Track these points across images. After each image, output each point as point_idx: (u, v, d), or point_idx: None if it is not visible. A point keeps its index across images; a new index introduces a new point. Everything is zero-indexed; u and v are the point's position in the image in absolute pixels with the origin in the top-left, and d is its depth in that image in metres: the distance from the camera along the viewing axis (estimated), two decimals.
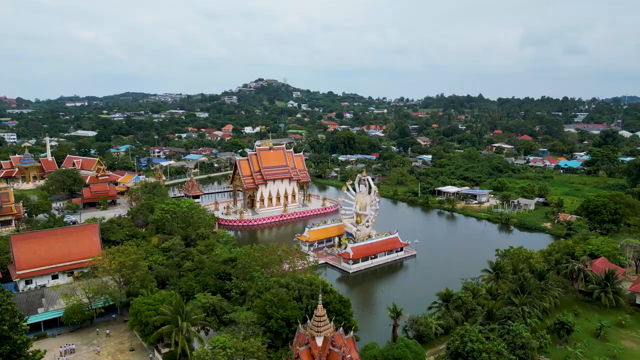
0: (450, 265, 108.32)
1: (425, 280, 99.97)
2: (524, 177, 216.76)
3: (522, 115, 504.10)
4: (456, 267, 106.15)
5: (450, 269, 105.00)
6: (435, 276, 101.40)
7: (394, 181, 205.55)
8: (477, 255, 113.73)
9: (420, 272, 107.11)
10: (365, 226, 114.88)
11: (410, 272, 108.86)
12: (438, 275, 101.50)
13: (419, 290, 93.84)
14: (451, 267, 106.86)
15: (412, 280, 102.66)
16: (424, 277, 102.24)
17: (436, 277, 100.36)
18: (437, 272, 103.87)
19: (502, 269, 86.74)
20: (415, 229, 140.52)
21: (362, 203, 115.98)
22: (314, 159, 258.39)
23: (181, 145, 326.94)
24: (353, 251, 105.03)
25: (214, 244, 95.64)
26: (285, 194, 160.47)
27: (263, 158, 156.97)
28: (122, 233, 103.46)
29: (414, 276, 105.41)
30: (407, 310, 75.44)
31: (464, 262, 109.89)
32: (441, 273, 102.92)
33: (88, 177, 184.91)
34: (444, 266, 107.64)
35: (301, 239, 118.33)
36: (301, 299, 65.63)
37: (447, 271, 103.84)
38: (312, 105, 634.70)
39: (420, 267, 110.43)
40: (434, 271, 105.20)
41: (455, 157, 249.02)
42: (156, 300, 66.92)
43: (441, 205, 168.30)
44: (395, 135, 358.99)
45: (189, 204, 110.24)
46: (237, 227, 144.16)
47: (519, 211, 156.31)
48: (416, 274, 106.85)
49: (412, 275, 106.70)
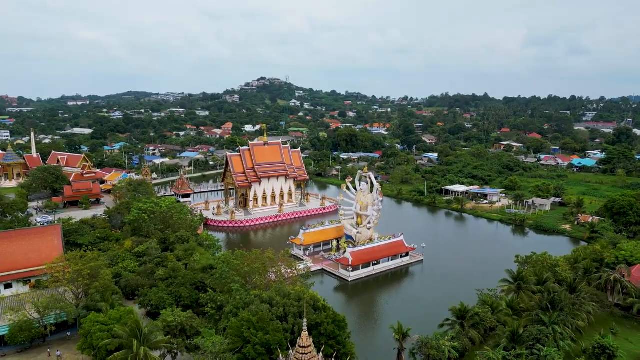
0: (462, 272, 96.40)
1: (435, 290, 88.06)
2: (536, 175, 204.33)
3: (529, 114, 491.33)
4: (469, 275, 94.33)
5: (462, 278, 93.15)
6: (445, 286, 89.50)
7: (398, 180, 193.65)
8: (492, 262, 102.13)
9: (429, 280, 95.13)
10: (367, 228, 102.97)
11: (417, 280, 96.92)
12: (449, 285, 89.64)
13: (427, 303, 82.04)
14: (463, 275, 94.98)
15: (420, 290, 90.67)
16: (433, 287, 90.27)
17: (447, 287, 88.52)
18: (447, 281, 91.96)
19: (524, 278, 74.78)
20: (421, 231, 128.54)
21: (363, 202, 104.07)
22: (314, 157, 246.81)
23: (178, 143, 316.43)
24: (352, 256, 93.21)
25: (195, 248, 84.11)
26: (281, 192, 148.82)
27: (257, 154, 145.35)
28: (92, 235, 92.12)
29: (421, 285, 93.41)
30: (415, 328, 63.72)
31: (478, 269, 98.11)
32: (452, 282, 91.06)
33: (73, 175, 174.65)
34: (455, 274, 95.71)
35: (295, 242, 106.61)
36: (286, 318, 53.91)
37: (459, 280, 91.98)
38: (315, 104, 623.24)
39: (429, 274, 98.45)
40: (444, 280, 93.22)
41: (463, 155, 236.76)
42: (111, 319, 55.35)
43: (449, 206, 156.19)
44: (399, 134, 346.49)
45: (169, 203, 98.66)
46: (228, 229, 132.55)
47: (534, 212, 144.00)
48: (424, 282, 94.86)
49: (420, 284, 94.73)
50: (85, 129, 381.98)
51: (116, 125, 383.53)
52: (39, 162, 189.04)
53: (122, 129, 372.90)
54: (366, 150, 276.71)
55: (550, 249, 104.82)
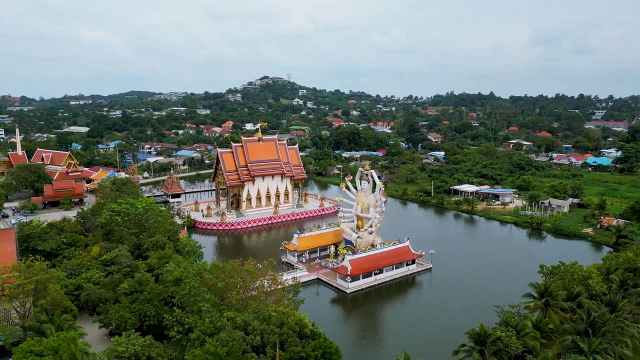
0: (477, 283, 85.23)
1: (446, 304, 76.92)
2: (550, 175, 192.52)
3: (536, 113, 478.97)
4: (484, 287, 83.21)
5: (477, 289, 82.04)
6: (458, 299, 78.35)
7: (403, 179, 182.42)
8: (510, 271, 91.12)
9: (439, 292, 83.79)
10: (368, 232, 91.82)
11: (426, 292, 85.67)
12: (462, 298, 78.49)
13: (438, 320, 70.97)
14: (478, 286, 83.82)
15: (429, 304, 79.43)
16: (443, 300, 79.05)
17: (460, 301, 77.39)
18: (460, 293, 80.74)
19: (552, 293, 63.56)
20: (429, 235, 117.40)
21: (364, 204, 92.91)
22: (315, 155, 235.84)
23: (175, 142, 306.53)
24: (352, 265, 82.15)
25: (170, 255, 73.31)
26: (276, 192, 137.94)
27: (251, 151, 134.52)
28: (57, 240, 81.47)
29: (430, 298, 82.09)
30: (425, 355, 52.83)
31: (494, 280, 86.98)
32: (466, 295, 79.90)
33: (57, 173, 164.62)
34: (468, 285, 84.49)
35: (289, 248, 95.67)
36: (264, 349, 43.09)
37: (473, 292, 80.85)
38: (318, 103, 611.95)
39: (438, 285, 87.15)
40: (456, 292, 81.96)
41: (471, 153, 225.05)
42: (48, 348, 44.67)
43: (458, 207, 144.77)
44: (404, 132, 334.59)
45: (146, 203, 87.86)
46: (218, 232, 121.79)
47: (551, 214, 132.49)
48: (433, 295, 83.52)
49: (428, 296, 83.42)
50: (83, 127, 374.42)
51: (114, 123, 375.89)
52: (24, 160, 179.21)
53: (120, 128, 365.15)
54: (369, 148, 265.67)
55: (574, 256, 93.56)
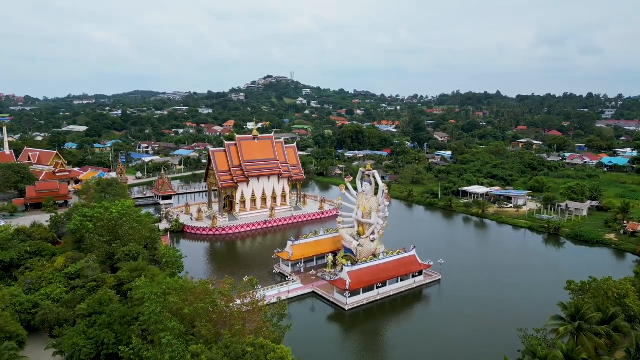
0: (492, 297, 75.76)
1: (458, 322, 67.44)
2: (564, 175, 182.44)
3: (545, 112, 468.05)
4: (500, 302, 73.79)
5: (492, 305, 72.60)
6: (471, 316, 68.87)
7: (408, 180, 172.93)
8: (529, 283, 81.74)
9: (449, 307, 74.21)
10: (370, 240, 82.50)
11: (434, 307, 76.19)
12: (476, 315, 69.03)
13: (449, 342, 61.59)
14: (493, 300, 74.37)
15: (438, 322, 69.73)
16: (454, 317, 69.53)
17: (474, 319, 67.93)
18: (473, 309, 71.22)
19: (585, 316, 54.11)
20: (437, 241, 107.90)
21: (365, 208, 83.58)
22: (316, 155, 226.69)
23: (174, 141, 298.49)
24: (351, 277, 72.87)
25: (145, 267, 64.34)
26: (272, 194, 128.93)
27: (245, 150, 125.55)
28: (20, 249, 72.70)
29: (439, 315, 72.37)
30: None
31: (511, 294, 77.46)
32: (480, 311, 70.41)
33: (43, 173, 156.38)
34: (482, 299, 75.00)
35: (282, 257, 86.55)
36: None
37: (488, 308, 71.38)
38: (322, 103, 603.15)
39: (449, 300, 77.55)
40: (469, 307, 72.38)
41: (480, 152, 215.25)
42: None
43: (468, 210, 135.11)
44: (409, 131, 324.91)
45: (122, 207, 78.89)
46: (208, 237, 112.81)
47: (569, 217, 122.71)
48: (443, 311, 73.84)
49: (437, 313, 73.78)
50: (82, 126, 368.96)
51: (113, 122, 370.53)
52: (12, 159, 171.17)
53: (120, 127, 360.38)
54: (373, 148, 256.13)
55: (599, 267, 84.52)
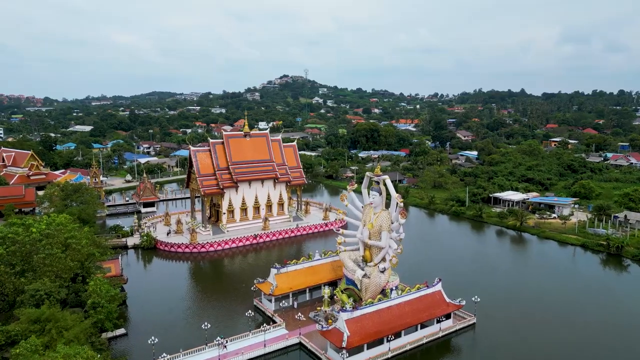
0: (548, 347, 53.55)
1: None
2: (610, 179, 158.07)
3: (575, 109, 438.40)
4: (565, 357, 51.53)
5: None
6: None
7: (429, 184, 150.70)
8: (597, 327, 58.84)
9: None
10: (379, 270, 60.65)
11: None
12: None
13: None
14: (551, 353, 52.25)
15: None
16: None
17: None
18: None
19: None
20: (468, 265, 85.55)
21: (373, 225, 61.78)
22: (327, 155, 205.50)
23: (178, 141, 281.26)
24: (350, 328, 51.51)
25: (52, 317, 44.34)
26: (267, 201, 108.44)
27: (234, 149, 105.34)
28: None
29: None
30: None
31: (581, 348, 54.82)
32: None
33: (16, 176, 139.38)
34: (536, 352, 52.88)
35: (263, 290, 65.61)
36: None
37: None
38: (339, 102, 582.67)
39: (488, 352, 55.35)
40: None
41: (510, 152, 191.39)
42: None
43: (502, 221, 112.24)
44: (429, 130, 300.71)
45: (47, 225, 59.14)
46: (184, 256, 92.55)
47: (632, 232, 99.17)
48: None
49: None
50: (88, 126, 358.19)
51: (120, 122, 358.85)
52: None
53: (127, 127, 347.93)
54: (390, 147, 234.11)
55: None
